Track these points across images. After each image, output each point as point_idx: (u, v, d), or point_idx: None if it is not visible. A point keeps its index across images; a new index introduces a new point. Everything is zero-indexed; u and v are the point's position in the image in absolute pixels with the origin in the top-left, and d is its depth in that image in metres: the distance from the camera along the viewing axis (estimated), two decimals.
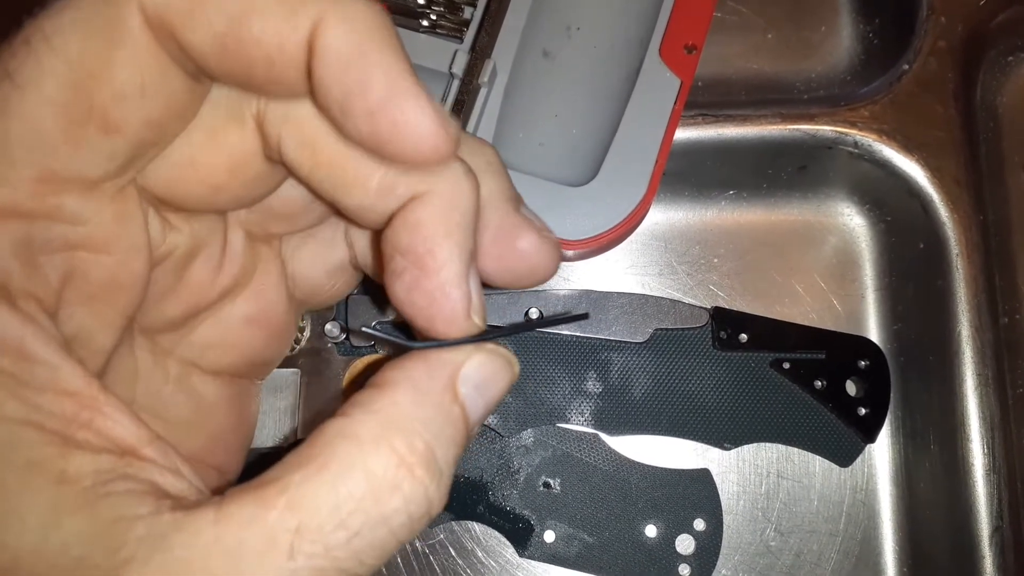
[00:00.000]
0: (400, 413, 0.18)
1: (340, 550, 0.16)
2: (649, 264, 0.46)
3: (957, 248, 0.42)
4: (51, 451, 0.16)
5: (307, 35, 0.17)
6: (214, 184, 0.20)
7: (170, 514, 0.16)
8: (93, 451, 0.16)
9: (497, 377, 0.20)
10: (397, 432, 0.17)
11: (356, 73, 0.17)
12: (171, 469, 0.17)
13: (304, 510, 0.16)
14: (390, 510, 0.17)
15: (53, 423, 0.16)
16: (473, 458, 0.42)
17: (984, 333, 0.41)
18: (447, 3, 0.39)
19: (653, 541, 0.41)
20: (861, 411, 0.41)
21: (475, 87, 0.38)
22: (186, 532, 0.16)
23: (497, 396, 0.20)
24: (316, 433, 0.17)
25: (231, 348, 0.24)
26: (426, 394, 0.18)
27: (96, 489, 0.16)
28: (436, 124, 0.18)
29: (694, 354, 0.42)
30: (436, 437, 0.18)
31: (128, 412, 0.17)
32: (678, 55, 0.39)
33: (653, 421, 0.42)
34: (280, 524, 0.16)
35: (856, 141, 0.43)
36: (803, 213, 0.46)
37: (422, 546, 0.43)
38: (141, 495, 0.16)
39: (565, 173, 0.40)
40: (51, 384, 0.16)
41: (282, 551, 0.16)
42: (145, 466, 0.17)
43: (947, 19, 0.44)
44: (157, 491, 0.16)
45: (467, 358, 0.19)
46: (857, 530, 0.43)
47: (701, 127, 0.43)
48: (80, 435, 0.16)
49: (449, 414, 0.19)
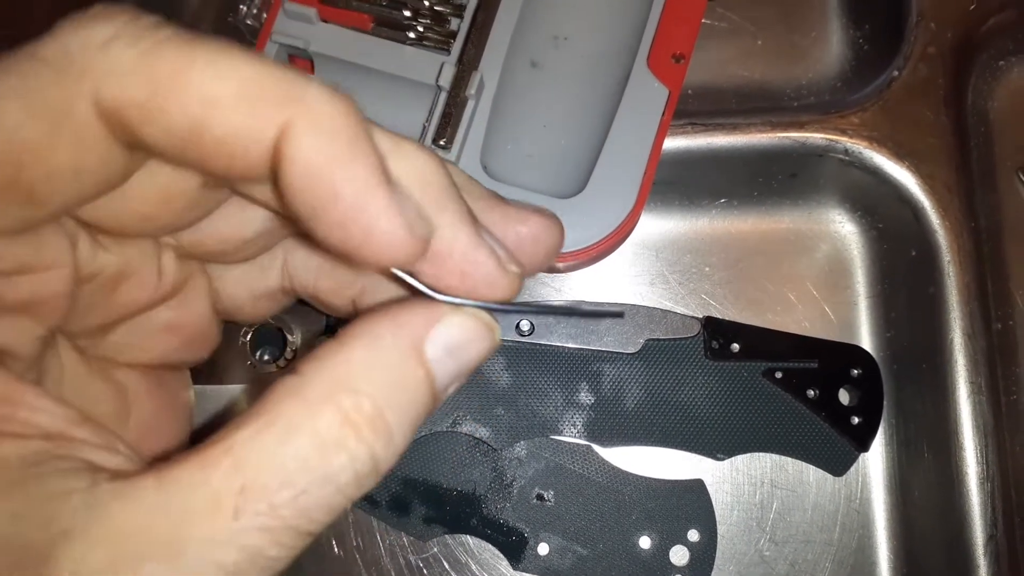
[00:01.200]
0: (352, 371, 0.17)
1: (286, 508, 0.16)
2: (640, 273, 0.46)
3: (949, 255, 0.41)
4: None
5: (273, 139, 0.16)
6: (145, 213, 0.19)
7: (108, 484, 0.16)
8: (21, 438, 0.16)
9: (474, 342, 0.19)
10: (345, 391, 0.17)
11: (327, 184, 0.16)
12: (105, 446, 0.17)
13: (249, 469, 0.16)
14: (336, 468, 0.17)
15: None
16: (466, 471, 0.42)
17: (977, 340, 0.41)
18: (434, 15, 0.39)
19: (647, 552, 0.41)
20: (854, 420, 0.41)
21: (463, 99, 0.38)
22: (126, 499, 0.15)
23: (472, 362, 0.19)
24: (268, 391, 0.17)
25: (148, 350, 0.23)
26: (385, 352, 0.18)
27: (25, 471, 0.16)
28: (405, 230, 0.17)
29: (686, 364, 0.42)
30: (388, 398, 0.17)
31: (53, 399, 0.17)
32: (666, 64, 0.39)
33: (646, 432, 0.42)
34: (224, 484, 0.16)
35: (847, 148, 0.43)
36: (794, 221, 0.46)
37: (416, 560, 0.43)
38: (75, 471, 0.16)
39: (554, 184, 0.40)
40: None
41: (227, 511, 0.15)
42: (77, 445, 0.17)
43: (937, 25, 0.44)
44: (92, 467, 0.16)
45: (441, 318, 0.19)
46: (852, 539, 0.43)
47: (691, 136, 0.43)
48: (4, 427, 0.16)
49: (410, 375, 0.18)
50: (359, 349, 0.18)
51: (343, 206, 0.17)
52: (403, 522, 0.42)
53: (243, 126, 0.16)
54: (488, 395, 0.41)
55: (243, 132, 0.16)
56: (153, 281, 0.22)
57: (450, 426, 0.41)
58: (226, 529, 0.15)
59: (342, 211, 0.17)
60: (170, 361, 0.24)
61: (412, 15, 0.39)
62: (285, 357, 0.42)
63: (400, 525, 0.42)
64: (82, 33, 0.16)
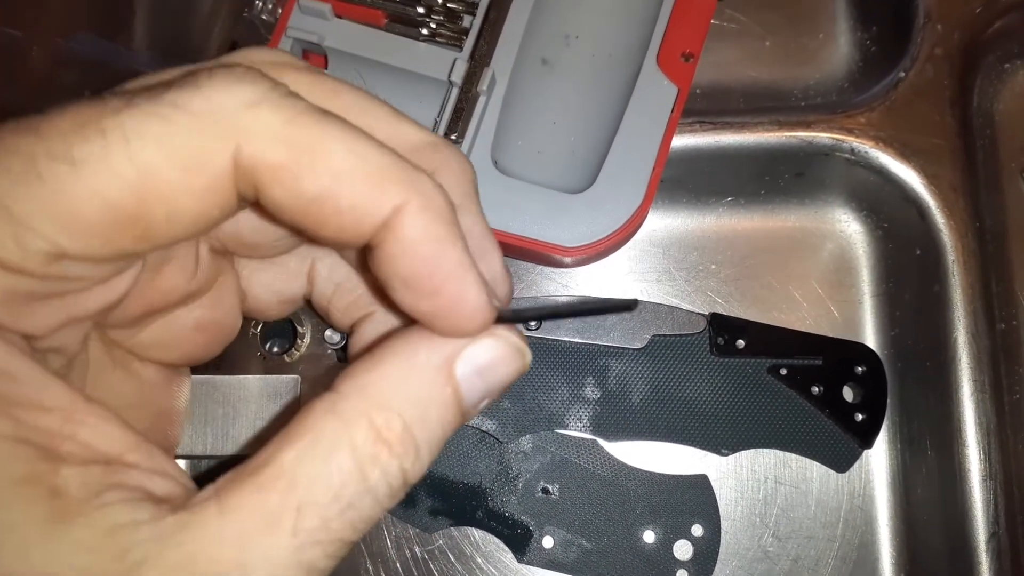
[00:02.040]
0: (385, 389, 0.19)
1: (336, 522, 0.17)
2: (647, 270, 0.46)
3: (954, 254, 0.42)
4: (42, 466, 0.16)
5: (388, 216, 0.18)
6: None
7: (172, 515, 0.16)
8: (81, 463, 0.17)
9: (504, 363, 0.20)
10: (379, 409, 0.18)
11: (429, 259, 0.18)
12: (158, 472, 0.18)
13: (302, 488, 0.17)
14: (373, 481, 0.18)
15: (39, 438, 0.16)
16: (472, 464, 0.42)
17: (981, 339, 0.41)
18: (447, 12, 0.39)
19: (651, 547, 0.41)
20: (858, 417, 0.41)
21: (474, 95, 0.38)
22: (193, 528, 0.16)
23: (502, 382, 0.20)
24: (306, 409, 0.18)
25: (175, 348, 0.24)
26: (417, 371, 0.19)
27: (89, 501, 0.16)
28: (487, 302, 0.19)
29: (692, 360, 0.42)
30: (418, 417, 0.19)
31: (111, 419, 0.18)
32: (675, 63, 0.39)
33: (651, 427, 0.42)
34: (282, 505, 0.17)
35: (853, 148, 0.43)
36: (800, 220, 0.47)
37: (421, 552, 0.43)
38: (136, 502, 0.17)
39: (563, 180, 0.40)
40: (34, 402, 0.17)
41: (286, 530, 0.17)
42: (132, 473, 0.17)
43: (944, 27, 0.44)
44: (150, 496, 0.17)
45: (473, 340, 0.20)
46: (854, 535, 0.43)
47: (699, 134, 0.43)
48: (65, 448, 0.17)
49: (439, 395, 0.19)
50: (393, 367, 0.19)
51: (439, 279, 0.18)
52: (409, 514, 0.42)
53: (366, 201, 0.18)
54: None
55: (364, 206, 0.18)
56: (191, 268, 0.22)
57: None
58: (287, 547, 0.17)
59: (438, 283, 0.19)
60: (192, 358, 0.25)
61: (425, 12, 0.39)
62: (296, 348, 0.42)
63: (406, 517, 0.42)
64: (232, 93, 0.17)
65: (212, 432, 0.40)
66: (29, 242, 0.16)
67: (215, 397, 0.40)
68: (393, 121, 0.21)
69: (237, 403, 0.40)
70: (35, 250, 0.16)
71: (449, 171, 0.21)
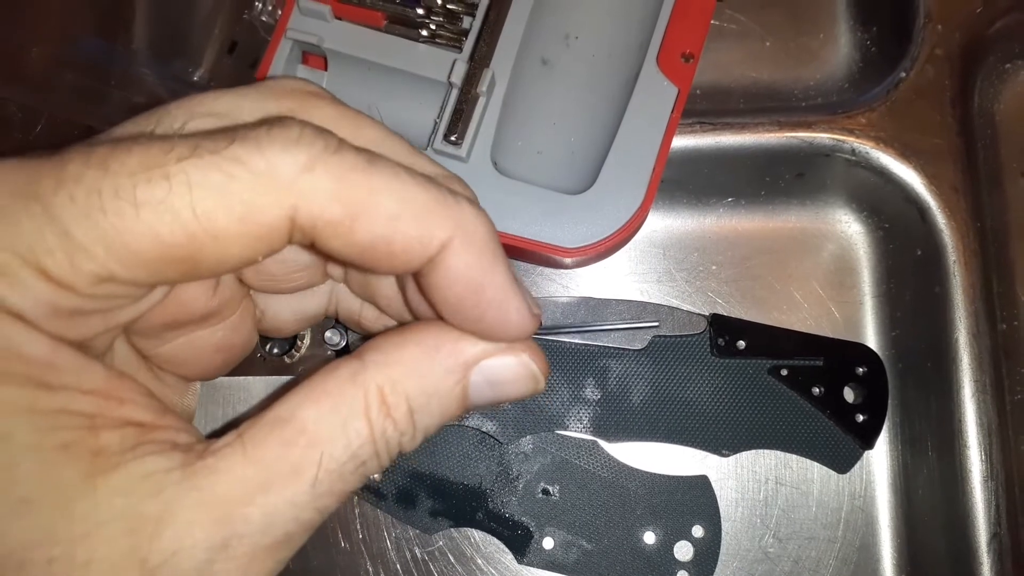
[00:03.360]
0: (404, 372, 0.21)
1: (350, 476, 0.20)
2: (648, 271, 0.46)
3: (955, 255, 0.42)
4: (82, 434, 0.18)
5: (437, 250, 0.20)
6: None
7: (200, 460, 0.19)
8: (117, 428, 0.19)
9: (517, 384, 0.22)
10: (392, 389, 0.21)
11: (475, 288, 0.21)
12: (185, 428, 0.20)
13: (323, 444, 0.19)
14: (381, 446, 0.20)
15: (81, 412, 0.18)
16: (472, 465, 0.42)
17: (982, 340, 0.41)
18: (446, 13, 0.39)
19: (651, 548, 0.41)
20: (859, 418, 0.41)
21: (474, 96, 0.38)
22: (220, 472, 0.19)
23: (508, 398, 0.23)
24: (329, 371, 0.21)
25: (195, 365, 0.26)
26: (437, 365, 0.21)
27: (124, 454, 0.18)
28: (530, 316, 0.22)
29: (692, 361, 0.42)
30: (423, 406, 0.21)
31: (144, 392, 0.20)
32: (675, 63, 0.39)
33: (651, 428, 0.42)
34: (304, 459, 0.19)
35: (854, 148, 0.43)
36: (801, 220, 0.47)
37: (421, 553, 0.43)
38: (166, 452, 0.19)
39: (563, 181, 0.40)
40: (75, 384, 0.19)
41: (307, 480, 0.19)
42: (163, 431, 0.19)
43: (944, 27, 0.44)
44: (180, 446, 0.19)
45: (495, 354, 0.22)
46: (855, 537, 0.43)
47: (699, 135, 0.43)
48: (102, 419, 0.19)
49: (447, 390, 0.22)
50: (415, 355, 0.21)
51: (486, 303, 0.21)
52: (409, 515, 0.42)
53: (417, 239, 0.20)
54: None
55: (415, 244, 0.20)
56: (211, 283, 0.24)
57: (457, 420, 0.42)
58: (308, 494, 0.19)
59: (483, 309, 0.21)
60: (207, 375, 0.27)
61: (425, 13, 0.39)
62: (296, 350, 0.42)
63: (406, 518, 0.42)
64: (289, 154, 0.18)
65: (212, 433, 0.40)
66: (82, 264, 0.18)
67: (215, 398, 0.40)
68: (410, 157, 0.23)
69: (238, 404, 0.40)
70: (87, 272, 0.18)
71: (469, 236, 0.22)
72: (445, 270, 0.20)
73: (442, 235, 0.20)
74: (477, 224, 0.20)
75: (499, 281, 0.21)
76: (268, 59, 0.39)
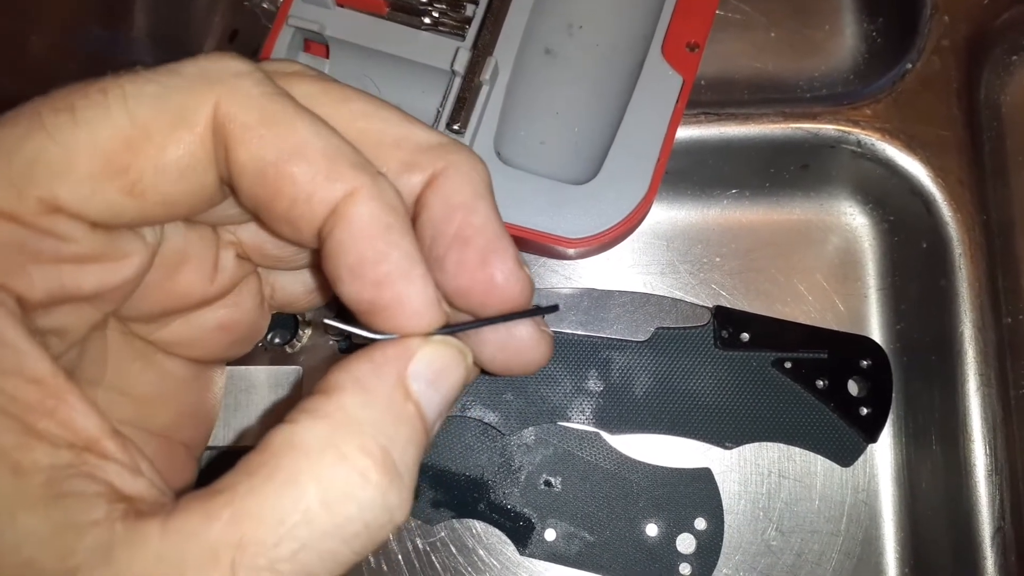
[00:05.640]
0: (349, 416, 0.17)
1: (285, 564, 0.16)
2: (651, 263, 0.46)
3: (960, 248, 0.41)
4: (10, 439, 0.16)
5: (339, 198, 0.18)
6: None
7: (121, 523, 0.16)
8: (52, 444, 0.16)
9: (450, 370, 0.20)
10: (347, 437, 0.17)
11: (377, 244, 0.18)
12: (130, 466, 0.17)
13: (247, 523, 0.16)
14: (343, 519, 0.16)
15: (15, 408, 0.16)
16: (474, 456, 0.42)
17: (987, 333, 0.41)
18: (449, 1, 0.39)
19: (654, 540, 0.41)
20: (863, 411, 0.41)
21: (477, 85, 0.38)
22: (133, 546, 0.16)
23: (453, 390, 0.20)
24: (264, 441, 0.17)
25: (199, 346, 0.25)
26: (375, 394, 0.18)
27: (52, 487, 0.16)
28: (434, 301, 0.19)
29: (696, 353, 0.42)
30: (391, 439, 0.17)
31: (90, 404, 0.17)
32: (680, 53, 0.39)
33: (654, 420, 0.42)
34: (222, 538, 0.16)
35: (859, 140, 0.43)
36: (805, 212, 0.46)
37: (423, 544, 0.43)
38: (95, 498, 0.16)
39: (567, 171, 0.40)
40: (16, 369, 0.16)
41: (224, 566, 0.15)
42: (103, 464, 0.17)
43: (951, 18, 0.44)
44: (113, 493, 0.16)
45: (414, 353, 0.19)
46: (858, 530, 0.43)
47: (704, 125, 0.43)
48: (41, 424, 0.16)
49: (402, 413, 0.18)
50: (348, 395, 0.18)
51: (385, 269, 0.18)
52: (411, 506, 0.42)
53: (320, 178, 0.18)
54: (497, 380, 0.42)
55: (318, 179, 0.18)
56: (209, 270, 0.23)
57: (459, 411, 0.42)
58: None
59: (384, 272, 0.18)
60: (218, 356, 0.26)
61: (428, 1, 0.39)
62: (297, 339, 0.42)
63: None
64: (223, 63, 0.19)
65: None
66: (23, 187, 0.17)
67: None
68: (404, 124, 0.21)
69: (239, 394, 0.40)
70: (29, 196, 0.17)
71: (460, 170, 0.21)
72: (348, 222, 0.18)
73: (349, 182, 0.18)
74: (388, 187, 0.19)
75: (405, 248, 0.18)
76: (269, 47, 0.39)
